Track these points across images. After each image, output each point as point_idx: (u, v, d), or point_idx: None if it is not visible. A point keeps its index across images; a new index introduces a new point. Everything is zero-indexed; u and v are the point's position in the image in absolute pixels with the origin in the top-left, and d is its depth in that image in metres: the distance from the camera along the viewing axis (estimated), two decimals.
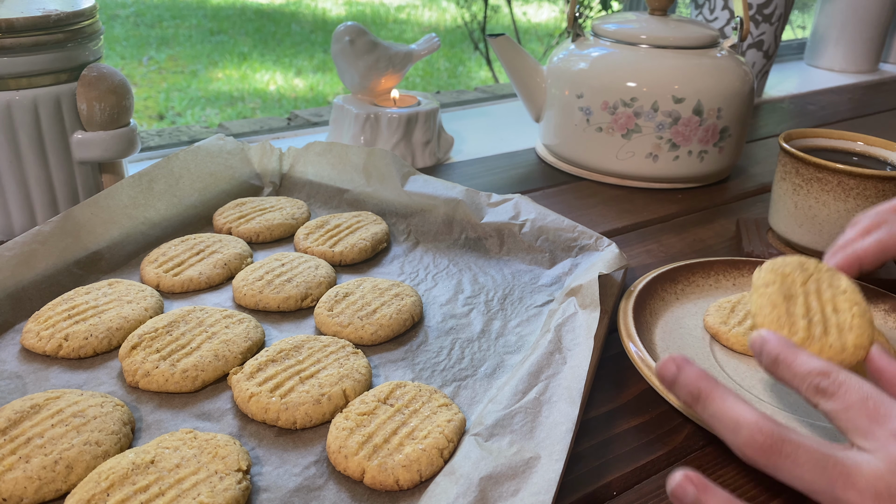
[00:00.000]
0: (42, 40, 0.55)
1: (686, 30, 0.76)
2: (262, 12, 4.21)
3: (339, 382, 0.42)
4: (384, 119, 0.77)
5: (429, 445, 0.37)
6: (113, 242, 0.56)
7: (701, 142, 0.75)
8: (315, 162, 0.70)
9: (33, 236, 0.51)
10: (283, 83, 3.18)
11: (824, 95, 1.22)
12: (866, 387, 0.32)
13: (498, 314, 0.52)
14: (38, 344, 0.45)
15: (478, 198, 0.63)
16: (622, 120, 0.74)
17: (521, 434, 0.37)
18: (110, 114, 0.59)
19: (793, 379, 0.34)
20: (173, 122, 2.73)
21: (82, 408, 0.39)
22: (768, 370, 0.36)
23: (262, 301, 0.51)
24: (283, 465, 0.38)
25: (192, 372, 0.43)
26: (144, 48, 3.45)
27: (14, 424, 0.37)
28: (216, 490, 0.34)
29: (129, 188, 0.58)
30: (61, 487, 0.35)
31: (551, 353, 0.43)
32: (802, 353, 0.35)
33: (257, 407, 0.41)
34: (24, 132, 0.56)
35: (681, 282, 0.55)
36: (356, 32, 0.77)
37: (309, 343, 0.45)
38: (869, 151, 0.63)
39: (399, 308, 0.50)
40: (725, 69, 0.75)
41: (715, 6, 1.07)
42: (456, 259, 0.60)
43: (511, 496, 0.34)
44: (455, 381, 0.45)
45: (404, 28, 4.13)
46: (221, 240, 0.58)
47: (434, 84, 3.36)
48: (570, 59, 0.78)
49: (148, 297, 0.50)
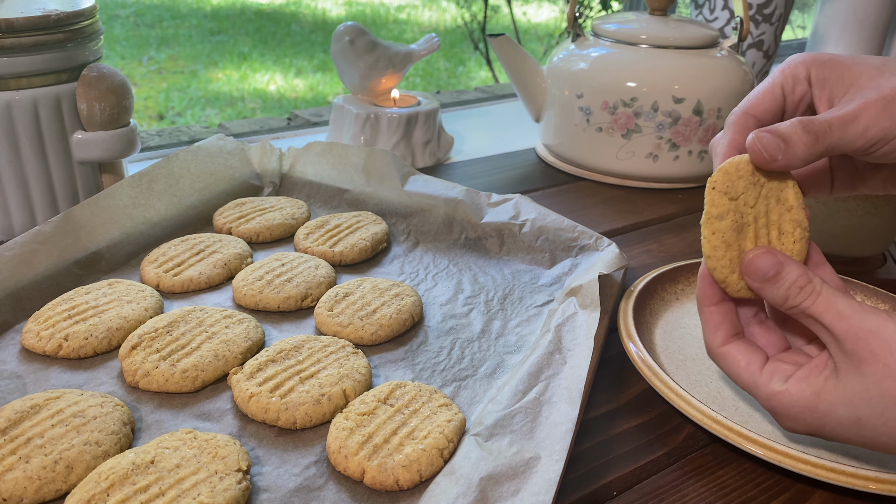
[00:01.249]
0: (42, 40, 0.55)
1: (686, 30, 0.76)
2: (262, 12, 4.21)
3: (339, 382, 0.42)
4: (384, 119, 0.77)
5: (429, 445, 0.37)
6: (113, 242, 0.56)
7: (701, 142, 0.75)
8: (315, 162, 0.70)
9: (33, 236, 0.51)
10: (283, 83, 3.18)
11: None
12: None
13: (498, 314, 0.52)
14: (38, 344, 0.45)
15: (478, 198, 0.63)
16: (622, 120, 0.74)
17: (521, 434, 0.37)
18: (110, 114, 0.59)
19: None
20: (173, 123, 2.73)
21: (82, 408, 0.39)
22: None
23: (262, 301, 0.51)
24: (283, 466, 0.38)
25: (192, 372, 0.43)
26: (144, 48, 3.45)
27: (14, 424, 0.37)
28: (216, 490, 0.34)
29: (129, 188, 0.58)
30: (61, 487, 0.35)
31: (551, 353, 0.43)
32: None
33: (257, 407, 0.41)
34: (24, 132, 0.56)
35: (681, 282, 0.55)
36: (356, 32, 0.77)
37: (309, 343, 0.45)
38: None
39: (399, 308, 0.50)
40: (725, 69, 0.75)
41: (715, 6, 1.07)
42: (456, 259, 0.60)
43: (511, 496, 0.34)
44: (455, 381, 0.45)
45: (404, 28, 4.13)
46: (221, 240, 0.58)
47: (434, 84, 3.36)
48: (570, 59, 0.78)
49: (148, 297, 0.50)
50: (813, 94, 0.37)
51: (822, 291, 0.34)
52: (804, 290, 0.34)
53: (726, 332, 0.37)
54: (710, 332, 0.38)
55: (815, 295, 0.34)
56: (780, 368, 0.36)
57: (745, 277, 0.36)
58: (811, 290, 0.34)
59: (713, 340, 0.38)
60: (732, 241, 0.36)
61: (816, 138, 0.34)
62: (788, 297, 0.34)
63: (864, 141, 0.34)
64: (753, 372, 0.36)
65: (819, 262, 0.38)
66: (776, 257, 0.35)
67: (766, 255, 0.35)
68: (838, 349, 0.33)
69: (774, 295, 0.35)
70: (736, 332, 0.38)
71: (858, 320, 0.33)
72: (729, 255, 0.36)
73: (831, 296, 0.34)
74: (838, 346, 0.33)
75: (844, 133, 0.34)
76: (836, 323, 0.33)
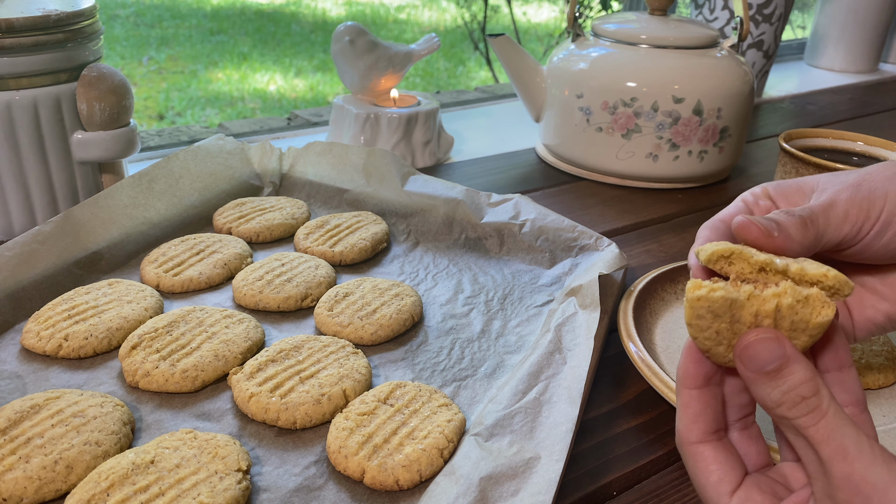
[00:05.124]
0: (42, 40, 0.55)
1: (686, 30, 0.76)
2: (261, 12, 4.21)
3: (339, 382, 0.42)
4: (384, 119, 0.77)
5: (429, 445, 0.37)
6: (113, 242, 0.56)
7: (701, 142, 0.75)
8: (315, 162, 0.70)
9: (33, 236, 0.51)
10: (283, 83, 3.18)
11: (824, 95, 1.22)
12: None
13: (498, 314, 0.52)
14: (38, 344, 0.45)
15: (478, 198, 0.63)
16: (622, 120, 0.74)
17: (521, 434, 0.37)
18: (110, 114, 0.59)
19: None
20: (173, 122, 2.73)
21: (82, 408, 0.39)
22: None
23: (262, 301, 0.51)
24: (283, 465, 0.38)
25: (192, 372, 0.43)
26: (144, 48, 3.45)
27: (14, 424, 0.37)
28: (216, 490, 0.34)
29: (129, 188, 0.58)
30: (61, 487, 0.35)
31: (551, 353, 0.43)
32: None
33: (257, 407, 0.41)
34: (24, 132, 0.56)
35: (681, 282, 0.55)
36: (356, 32, 0.77)
37: (309, 343, 0.45)
38: (869, 151, 0.63)
39: (399, 308, 0.50)
40: (725, 69, 0.75)
41: (715, 6, 1.07)
42: (456, 259, 0.60)
43: (511, 496, 0.34)
44: (455, 381, 0.45)
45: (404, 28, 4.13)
46: (221, 240, 0.58)
47: (434, 84, 3.35)
48: (570, 59, 0.78)
49: (148, 297, 0.50)
50: (777, 205, 0.34)
51: (829, 412, 0.26)
52: (807, 402, 0.26)
53: (705, 428, 0.30)
54: (687, 422, 0.30)
55: (819, 414, 0.26)
56: (749, 499, 0.29)
57: (737, 361, 0.28)
58: (815, 406, 0.26)
59: (688, 433, 0.30)
60: (723, 310, 0.28)
61: (804, 222, 0.30)
62: (783, 403, 0.27)
63: (850, 225, 0.31)
64: (722, 494, 0.29)
65: (843, 364, 0.30)
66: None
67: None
68: (825, 493, 0.26)
69: (766, 395, 0.27)
70: (717, 428, 0.30)
71: (864, 468, 0.25)
72: (717, 325, 0.28)
73: (839, 423, 0.26)
74: (827, 489, 0.26)
75: (828, 218, 0.31)
76: (834, 461, 0.26)
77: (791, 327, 0.28)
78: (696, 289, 0.28)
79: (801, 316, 0.27)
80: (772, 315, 0.27)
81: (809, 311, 0.27)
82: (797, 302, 0.27)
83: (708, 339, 0.29)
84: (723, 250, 0.29)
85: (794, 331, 0.28)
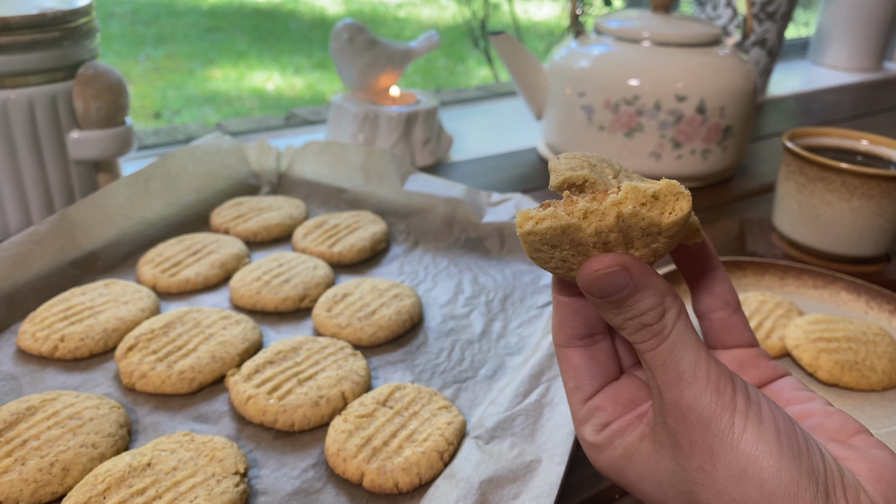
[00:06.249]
0: (38, 38, 0.54)
1: (689, 27, 0.75)
2: (259, 10, 4.20)
3: (338, 384, 0.42)
4: (383, 117, 0.76)
5: (428, 448, 0.37)
6: (109, 242, 0.56)
7: (704, 140, 0.74)
8: (313, 161, 0.69)
9: (29, 236, 0.51)
10: (281, 81, 3.17)
11: (828, 94, 1.21)
12: None
13: (499, 315, 0.52)
14: (34, 345, 0.45)
15: (478, 197, 0.63)
16: (624, 118, 0.74)
17: (522, 437, 0.37)
18: (106, 112, 0.59)
19: None
20: (170, 121, 2.72)
21: (78, 410, 0.38)
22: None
23: (259, 302, 0.51)
24: (281, 468, 0.37)
25: (188, 374, 0.42)
26: (141, 46, 3.44)
27: (10, 426, 0.37)
28: (213, 493, 0.34)
29: (125, 188, 0.58)
30: (57, 490, 0.35)
31: (553, 355, 0.43)
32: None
33: (255, 409, 0.40)
34: (20, 131, 0.56)
35: (681, 282, 0.55)
36: (355, 30, 0.76)
37: (307, 344, 0.45)
38: (873, 150, 0.62)
39: (398, 309, 0.49)
40: (729, 67, 0.74)
41: (718, 4, 1.07)
42: (456, 259, 0.59)
43: (512, 499, 0.34)
44: (455, 382, 0.45)
45: (403, 26, 4.12)
46: (218, 240, 0.58)
47: (434, 82, 3.35)
48: (572, 57, 0.77)
49: (144, 298, 0.50)
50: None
51: (670, 336, 0.25)
52: (648, 328, 0.25)
53: (572, 332, 0.29)
54: (556, 326, 0.30)
55: (659, 340, 0.25)
56: (599, 409, 0.29)
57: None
58: (657, 332, 0.25)
59: (555, 337, 0.30)
60: (558, 239, 0.25)
61: None
62: (625, 328, 0.26)
63: None
64: (575, 401, 0.29)
65: (706, 269, 0.29)
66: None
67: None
68: (660, 413, 0.26)
69: (610, 318, 0.26)
70: (588, 333, 0.29)
71: (693, 396, 0.25)
72: (559, 255, 0.25)
73: (679, 347, 0.25)
74: (661, 411, 0.26)
75: None
76: (667, 386, 0.25)
77: (644, 233, 0.24)
78: (524, 222, 0.25)
79: (651, 219, 0.24)
80: (616, 228, 0.24)
81: (659, 211, 0.24)
82: (642, 205, 0.24)
83: (557, 269, 0.26)
84: (575, 177, 0.26)
85: (649, 235, 0.25)
